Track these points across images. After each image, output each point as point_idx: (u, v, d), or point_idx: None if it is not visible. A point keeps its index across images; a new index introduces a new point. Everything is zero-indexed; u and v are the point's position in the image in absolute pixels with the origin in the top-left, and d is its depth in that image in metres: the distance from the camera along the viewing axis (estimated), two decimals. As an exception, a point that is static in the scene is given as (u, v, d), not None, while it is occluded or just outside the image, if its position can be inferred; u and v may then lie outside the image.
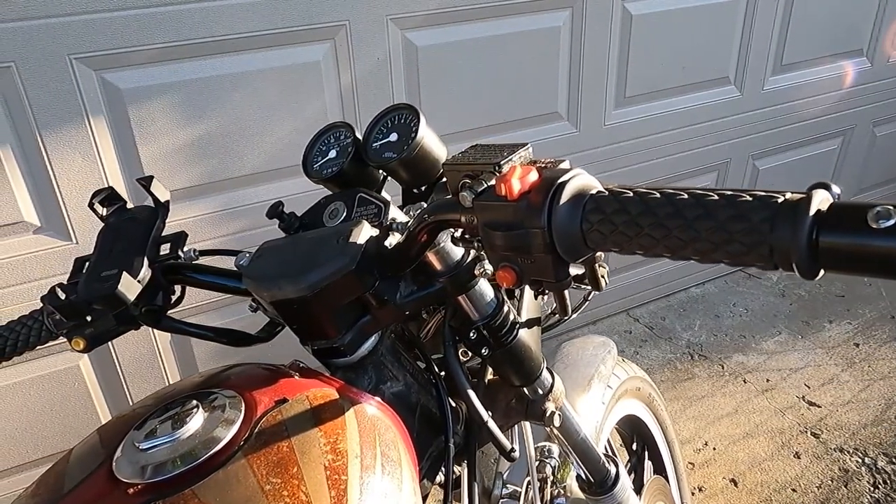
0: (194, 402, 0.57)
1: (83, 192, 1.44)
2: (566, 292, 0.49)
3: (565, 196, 0.43)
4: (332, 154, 0.76)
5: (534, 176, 0.44)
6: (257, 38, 1.50)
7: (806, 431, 1.99)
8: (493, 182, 0.48)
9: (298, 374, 0.65)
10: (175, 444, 0.54)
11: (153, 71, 1.44)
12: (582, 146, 2.08)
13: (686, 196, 0.38)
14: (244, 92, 1.53)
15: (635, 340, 2.43)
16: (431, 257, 0.62)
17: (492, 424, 0.69)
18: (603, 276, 0.49)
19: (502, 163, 0.50)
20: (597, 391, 1.10)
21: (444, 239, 0.60)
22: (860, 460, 1.87)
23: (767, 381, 2.20)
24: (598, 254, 0.45)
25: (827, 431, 1.98)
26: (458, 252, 0.62)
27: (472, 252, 0.63)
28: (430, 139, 0.71)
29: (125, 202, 0.72)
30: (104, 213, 0.71)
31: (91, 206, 0.71)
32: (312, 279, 0.59)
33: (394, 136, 0.72)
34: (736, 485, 1.83)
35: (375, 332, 0.66)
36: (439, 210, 0.52)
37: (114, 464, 0.55)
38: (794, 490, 1.80)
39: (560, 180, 0.43)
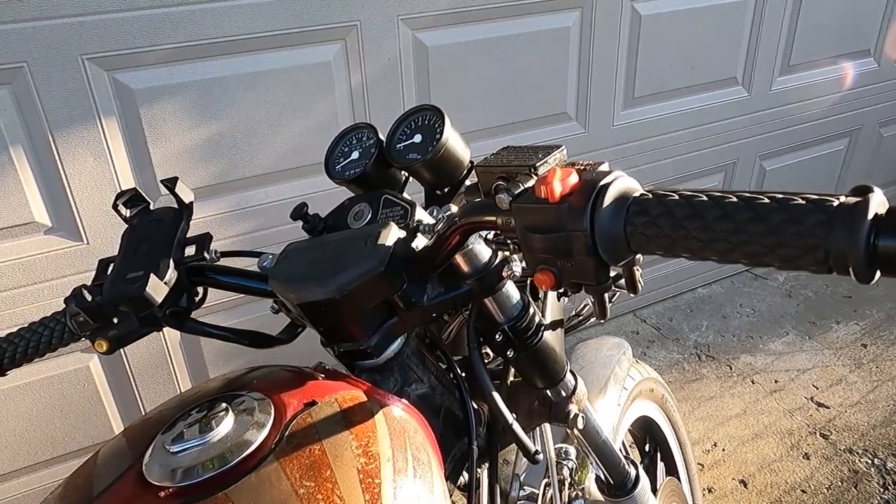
0: (223, 404, 0.57)
1: (94, 193, 1.44)
2: (605, 295, 0.49)
3: (608, 198, 0.42)
4: (355, 155, 0.76)
5: (574, 178, 0.44)
6: (269, 38, 1.50)
7: (815, 432, 1.98)
8: (530, 184, 0.47)
9: (324, 377, 0.65)
10: (206, 448, 0.54)
11: (165, 71, 1.44)
12: (590, 146, 2.08)
13: (735, 199, 0.38)
14: (255, 92, 1.53)
15: (643, 341, 2.43)
16: (459, 259, 0.61)
17: (517, 427, 0.69)
18: (639, 280, 0.49)
19: (538, 165, 0.49)
20: (613, 393, 1.09)
21: (473, 241, 0.60)
22: (869, 461, 1.87)
23: (776, 381, 2.20)
24: (638, 257, 0.45)
25: (836, 433, 1.98)
26: (485, 254, 0.62)
27: (500, 254, 0.63)
28: (454, 140, 0.71)
29: (149, 203, 0.72)
30: (128, 215, 0.70)
31: (115, 207, 0.70)
32: (341, 281, 0.59)
33: (418, 138, 0.72)
34: (746, 486, 1.83)
35: (402, 334, 0.66)
36: (474, 212, 0.52)
37: (144, 467, 0.55)
38: (803, 491, 1.80)
39: (602, 183, 0.43)
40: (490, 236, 0.60)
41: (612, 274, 0.48)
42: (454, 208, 0.64)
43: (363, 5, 1.56)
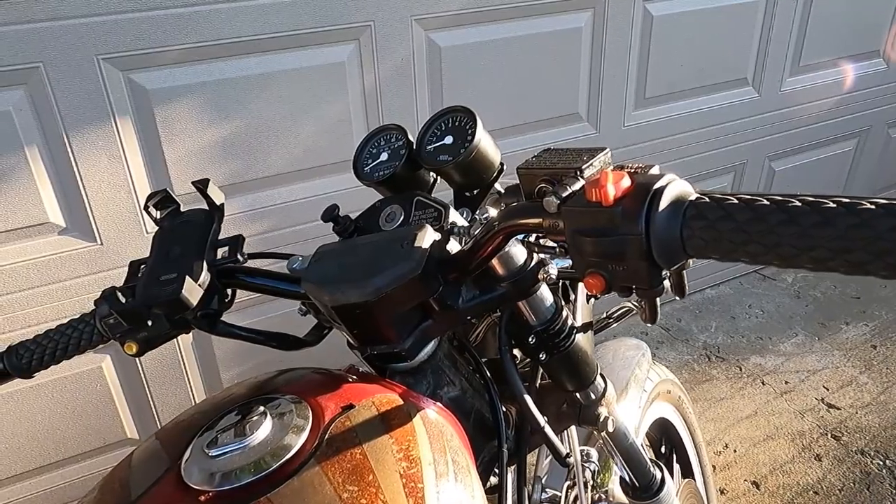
0: (261, 408, 0.57)
1: (108, 194, 1.44)
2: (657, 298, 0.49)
3: (664, 202, 0.42)
4: (384, 157, 0.76)
5: (627, 181, 0.44)
6: (283, 38, 1.49)
7: (826, 434, 1.98)
8: (577, 186, 0.47)
9: (357, 379, 0.65)
10: (245, 452, 0.53)
11: (179, 71, 1.43)
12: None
13: (798, 203, 0.37)
14: (269, 92, 1.53)
15: (652, 342, 2.42)
16: (495, 261, 0.61)
17: (548, 430, 0.68)
18: (686, 283, 0.49)
19: (584, 167, 0.49)
20: (634, 395, 1.09)
21: (510, 243, 0.59)
22: (882, 463, 1.86)
23: (786, 383, 2.19)
24: (689, 260, 0.45)
25: (847, 434, 1.97)
26: (521, 256, 0.62)
27: (536, 256, 0.62)
28: (486, 142, 0.70)
29: (179, 205, 0.71)
30: (158, 216, 0.70)
31: (146, 208, 0.70)
32: (378, 284, 0.58)
33: (449, 139, 0.71)
34: (758, 487, 1.82)
35: (436, 337, 0.65)
36: (519, 214, 0.52)
37: (182, 470, 0.54)
38: (816, 493, 1.79)
39: (657, 186, 0.42)
40: (532, 239, 0.60)
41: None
42: (492, 211, 0.64)
43: (377, 5, 1.56)
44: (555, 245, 0.50)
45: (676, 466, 1.37)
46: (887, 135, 2.78)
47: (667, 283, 0.46)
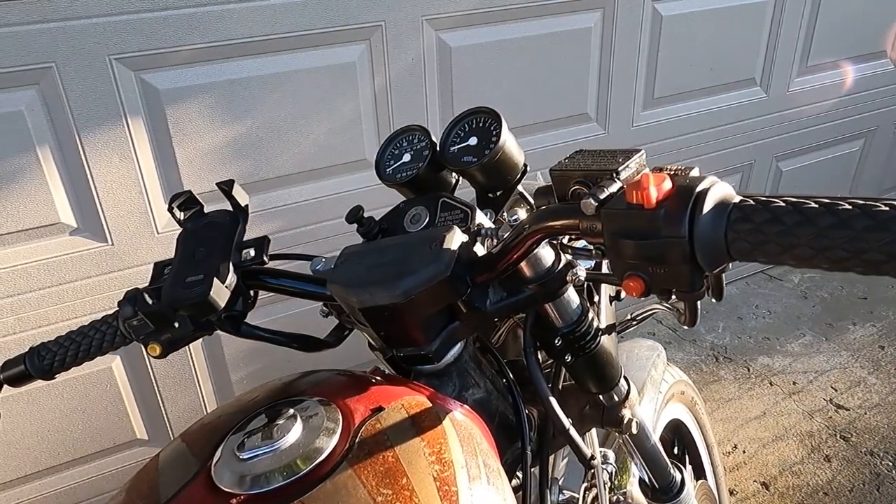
0: (290, 410, 0.56)
1: (120, 194, 1.43)
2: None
3: (708, 204, 0.42)
4: (407, 158, 0.75)
5: (668, 184, 0.43)
6: (294, 38, 1.49)
7: (835, 435, 1.98)
8: (614, 188, 0.47)
9: (382, 381, 0.64)
10: (277, 455, 0.53)
11: (191, 71, 1.43)
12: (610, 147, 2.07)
13: (848, 206, 0.37)
14: (280, 93, 1.53)
15: (659, 343, 2.41)
16: (522, 263, 0.61)
17: (573, 432, 0.68)
18: (724, 285, 0.48)
19: (620, 169, 0.49)
20: (650, 396, 1.09)
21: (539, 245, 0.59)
22: (891, 464, 1.86)
23: (794, 383, 2.19)
24: (729, 263, 0.44)
25: (856, 435, 1.97)
26: (549, 258, 0.62)
27: (564, 258, 0.62)
28: (510, 143, 0.70)
29: (202, 206, 0.71)
30: (182, 218, 0.70)
31: (170, 210, 0.70)
32: (407, 286, 0.58)
33: (473, 140, 0.71)
34: (767, 488, 1.82)
35: (463, 339, 0.65)
36: (554, 216, 0.51)
37: (213, 473, 0.54)
38: (825, 494, 1.79)
39: (700, 188, 0.42)
40: (565, 241, 0.60)
41: None
42: (521, 212, 0.64)
43: (388, 6, 1.56)
44: (591, 248, 0.50)
45: (689, 468, 1.37)
46: (894, 135, 2.77)
47: None
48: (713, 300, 0.48)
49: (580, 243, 0.71)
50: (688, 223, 0.42)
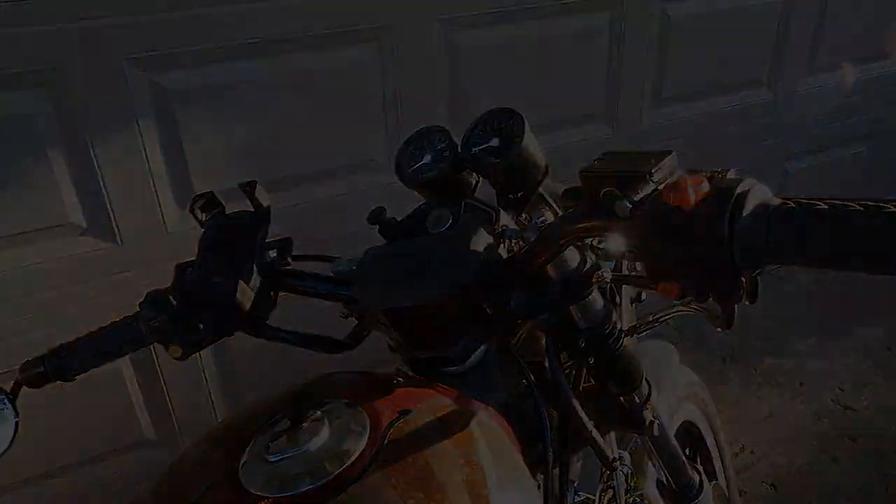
0: (318, 412, 0.56)
1: (130, 194, 1.43)
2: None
3: (748, 207, 0.41)
4: (427, 158, 0.74)
5: (706, 186, 0.43)
6: (305, 39, 1.49)
7: (843, 436, 1.97)
8: (648, 190, 0.47)
9: (406, 382, 0.64)
10: (306, 457, 0.53)
11: (201, 72, 1.43)
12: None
13: (892, 209, 0.37)
14: (290, 94, 1.52)
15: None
16: (548, 265, 0.60)
17: (596, 434, 0.68)
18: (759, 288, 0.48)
19: (654, 171, 0.49)
20: (664, 397, 1.08)
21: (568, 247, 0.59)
22: (900, 465, 1.86)
23: (801, 384, 2.19)
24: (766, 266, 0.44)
25: (864, 436, 1.97)
26: (575, 259, 0.61)
27: (590, 260, 0.62)
28: (533, 144, 0.69)
29: (223, 207, 0.71)
30: (203, 219, 0.69)
31: (191, 211, 0.69)
32: (432, 287, 0.58)
33: (495, 141, 0.70)
34: (776, 489, 1.82)
35: (487, 340, 0.65)
36: (586, 218, 0.51)
37: (240, 475, 0.54)
38: (834, 495, 1.79)
39: (739, 190, 0.42)
40: (596, 242, 0.59)
41: None
42: (548, 214, 0.63)
43: (399, 7, 1.56)
44: (623, 250, 0.50)
45: (700, 469, 1.36)
46: (901, 136, 2.77)
47: None
48: (747, 303, 0.47)
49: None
50: (727, 225, 0.41)
